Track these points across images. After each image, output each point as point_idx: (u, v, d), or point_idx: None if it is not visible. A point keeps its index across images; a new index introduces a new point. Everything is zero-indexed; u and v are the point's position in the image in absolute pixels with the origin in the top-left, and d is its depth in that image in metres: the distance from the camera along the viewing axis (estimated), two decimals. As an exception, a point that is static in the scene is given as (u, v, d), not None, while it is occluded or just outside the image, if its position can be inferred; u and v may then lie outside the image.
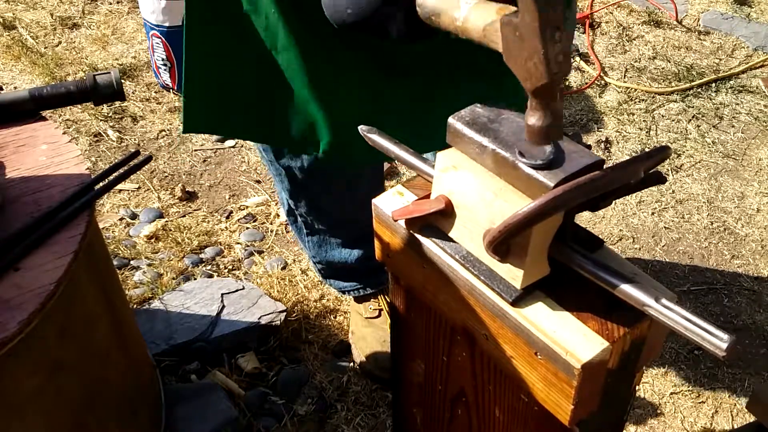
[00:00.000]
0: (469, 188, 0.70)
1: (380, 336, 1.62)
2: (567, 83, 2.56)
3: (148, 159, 1.15)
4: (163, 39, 2.36)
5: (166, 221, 2.01)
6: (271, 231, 2.02)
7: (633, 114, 2.49)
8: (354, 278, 1.66)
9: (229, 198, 2.13)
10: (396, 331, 0.99)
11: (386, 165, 2.07)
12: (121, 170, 1.11)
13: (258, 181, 2.19)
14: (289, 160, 1.37)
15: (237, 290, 1.73)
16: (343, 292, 1.72)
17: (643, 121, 2.46)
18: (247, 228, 2.02)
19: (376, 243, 0.89)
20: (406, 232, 0.81)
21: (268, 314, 1.67)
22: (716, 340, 0.60)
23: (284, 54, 1.08)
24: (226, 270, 1.88)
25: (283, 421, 1.52)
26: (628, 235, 2.04)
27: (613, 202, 0.73)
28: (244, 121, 1.19)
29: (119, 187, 2.10)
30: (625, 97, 2.57)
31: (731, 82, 2.65)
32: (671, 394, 1.64)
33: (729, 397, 1.63)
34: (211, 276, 1.84)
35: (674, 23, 2.98)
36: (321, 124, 1.14)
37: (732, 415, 1.60)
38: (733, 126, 2.46)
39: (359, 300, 1.70)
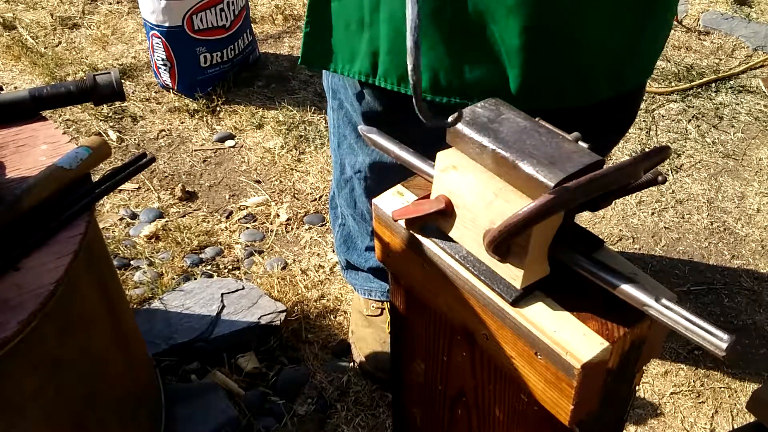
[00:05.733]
0: (469, 188, 0.71)
1: (380, 336, 1.62)
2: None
3: (152, 160, 1.15)
4: (163, 39, 2.36)
5: (166, 221, 2.01)
6: (271, 231, 2.02)
7: (633, 114, 2.49)
8: (366, 279, 1.66)
9: (229, 198, 2.13)
10: (396, 331, 0.99)
11: None
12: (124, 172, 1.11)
13: (258, 181, 2.19)
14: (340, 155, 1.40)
15: (237, 290, 1.73)
16: (355, 288, 1.72)
17: (643, 121, 2.46)
18: (247, 228, 2.02)
19: (376, 243, 0.89)
20: (406, 232, 0.81)
21: (268, 314, 1.67)
22: (716, 340, 0.60)
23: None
24: (226, 270, 1.88)
25: (283, 421, 1.52)
26: (628, 235, 2.04)
27: (613, 202, 0.73)
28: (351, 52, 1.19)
29: (119, 187, 2.11)
30: (625, 97, 2.56)
31: (731, 82, 2.65)
32: (671, 394, 1.64)
33: (729, 397, 1.63)
34: (211, 276, 1.84)
35: (674, 23, 2.98)
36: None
37: (732, 415, 1.60)
38: (733, 126, 2.46)
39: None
